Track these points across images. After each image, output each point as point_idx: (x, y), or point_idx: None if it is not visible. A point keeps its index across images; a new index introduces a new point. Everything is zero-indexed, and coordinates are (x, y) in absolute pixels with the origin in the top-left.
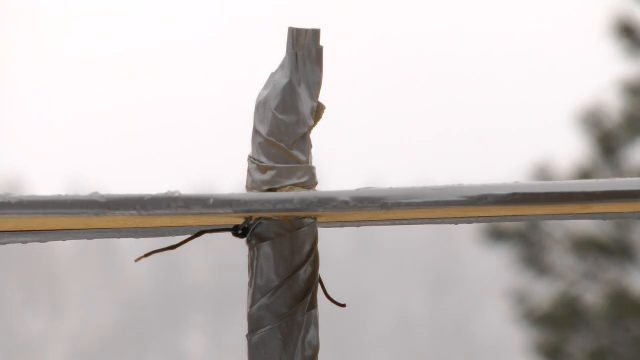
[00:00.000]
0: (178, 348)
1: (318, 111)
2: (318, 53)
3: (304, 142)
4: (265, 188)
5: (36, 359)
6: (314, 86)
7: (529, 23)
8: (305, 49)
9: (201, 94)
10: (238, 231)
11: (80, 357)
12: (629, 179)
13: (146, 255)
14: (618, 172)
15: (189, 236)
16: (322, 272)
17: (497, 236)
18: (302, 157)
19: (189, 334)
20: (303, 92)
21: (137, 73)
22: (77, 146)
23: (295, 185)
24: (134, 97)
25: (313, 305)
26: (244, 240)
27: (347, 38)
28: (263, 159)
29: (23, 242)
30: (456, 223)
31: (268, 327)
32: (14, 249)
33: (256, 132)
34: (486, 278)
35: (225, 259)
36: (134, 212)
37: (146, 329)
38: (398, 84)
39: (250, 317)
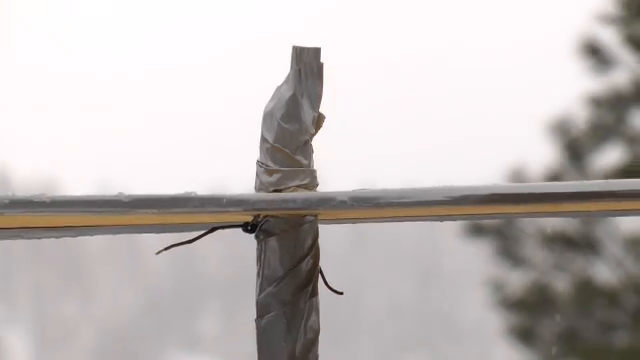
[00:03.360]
0: (195, 330)
1: (319, 121)
2: (319, 69)
3: (306, 148)
4: (272, 189)
5: (69, 339)
6: (315, 98)
7: (505, 44)
8: (307, 65)
9: (214, 108)
10: (248, 227)
11: (108, 337)
12: (594, 181)
13: (166, 249)
14: (584, 175)
15: (204, 232)
16: (322, 264)
17: (477, 231)
18: (304, 161)
19: (205, 318)
20: (305, 104)
21: (159, 90)
22: (104, 153)
23: (298, 186)
24: (158, 112)
25: (314, 293)
26: (253, 235)
27: (344, 56)
28: (270, 163)
29: (56, 237)
30: (441, 220)
31: (274, 313)
32: (49, 243)
33: (264, 139)
34: (467, 269)
35: (236, 252)
36: (155, 211)
37: (166, 314)
38: (387, 102)
39: (258, 304)
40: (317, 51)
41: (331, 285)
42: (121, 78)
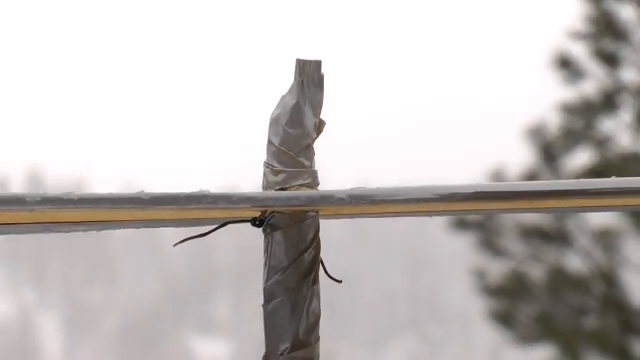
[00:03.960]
0: (209, 314)
1: (319, 126)
2: (320, 80)
3: (308, 151)
4: (277, 188)
5: (95, 323)
6: (316, 106)
7: (489, 58)
8: (309, 76)
9: (225, 114)
10: (256, 222)
11: (130, 321)
12: (566, 181)
13: (182, 241)
14: (558, 175)
15: (216, 226)
16: (323, 255)
17: (462, 226)
18: (307, 163)
19: (217, 304)
20: (308, 111)
21: (177, 104)
22: (127, 154)
23: (301, 185)
24: (176, 122)
25: (315, 281)
26: (260, 229)
27: (345, 69)
28: (276, 164)
29: (83, 230)
30: (430, 216)
31: (279, 299)
32: (76, 236)
33: (270, 143)
34: (453, 259)
35: (245, 244)
36: (172, 207)
37: (183, 300)
38: (381, 110)
39: (265, 290)
40: (318, 63)
41: (331, 274)
42: (148, 89)
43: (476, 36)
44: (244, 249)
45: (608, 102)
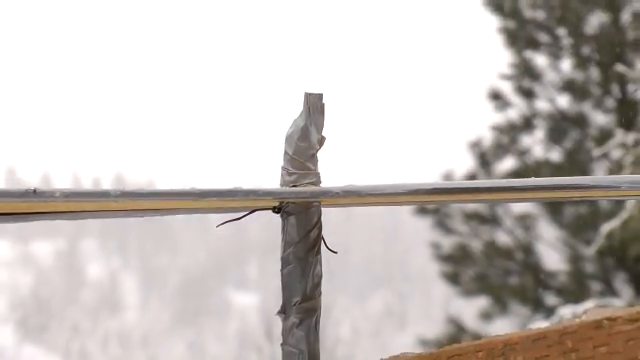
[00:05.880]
0: (243, 275)
1: (321, 141)
2: (322, 107)
3: (314, 159)
4: (291, 185)
5: (162, 282)
6: (319, 126)
7: (441, 94)
8: (314, 105)
9: (254, 135)
10: (276, 210)
11: (187, 280)
12: (497, 180)
13: (223, 223)
14: (491, 176)
15: (247, 212)
16: (323, 233)
17: (423, 211)
18: (312, 167)
19: (249, 267)
20: (313, 130)
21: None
22: (185, 163)
23: (308, 183)
24: (220, 139)
25: (318, 252)
26: (279, 215)
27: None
28: (290, 168)
29: (152, 215)
30: (401, 205)
31: (292, 265)
32: (147, 219)
33: (286, 153)
34: (417, 235)
35: (268, 226)
36: (216, 199)
37: (225, 264)
38: (365, 130)
39: (282, 259)
40: (320, 95)
41: (329, 246)
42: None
43: (434, 76)
44: (267, 229)
45: (527, 124)
